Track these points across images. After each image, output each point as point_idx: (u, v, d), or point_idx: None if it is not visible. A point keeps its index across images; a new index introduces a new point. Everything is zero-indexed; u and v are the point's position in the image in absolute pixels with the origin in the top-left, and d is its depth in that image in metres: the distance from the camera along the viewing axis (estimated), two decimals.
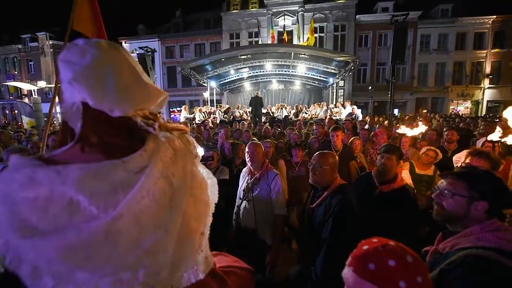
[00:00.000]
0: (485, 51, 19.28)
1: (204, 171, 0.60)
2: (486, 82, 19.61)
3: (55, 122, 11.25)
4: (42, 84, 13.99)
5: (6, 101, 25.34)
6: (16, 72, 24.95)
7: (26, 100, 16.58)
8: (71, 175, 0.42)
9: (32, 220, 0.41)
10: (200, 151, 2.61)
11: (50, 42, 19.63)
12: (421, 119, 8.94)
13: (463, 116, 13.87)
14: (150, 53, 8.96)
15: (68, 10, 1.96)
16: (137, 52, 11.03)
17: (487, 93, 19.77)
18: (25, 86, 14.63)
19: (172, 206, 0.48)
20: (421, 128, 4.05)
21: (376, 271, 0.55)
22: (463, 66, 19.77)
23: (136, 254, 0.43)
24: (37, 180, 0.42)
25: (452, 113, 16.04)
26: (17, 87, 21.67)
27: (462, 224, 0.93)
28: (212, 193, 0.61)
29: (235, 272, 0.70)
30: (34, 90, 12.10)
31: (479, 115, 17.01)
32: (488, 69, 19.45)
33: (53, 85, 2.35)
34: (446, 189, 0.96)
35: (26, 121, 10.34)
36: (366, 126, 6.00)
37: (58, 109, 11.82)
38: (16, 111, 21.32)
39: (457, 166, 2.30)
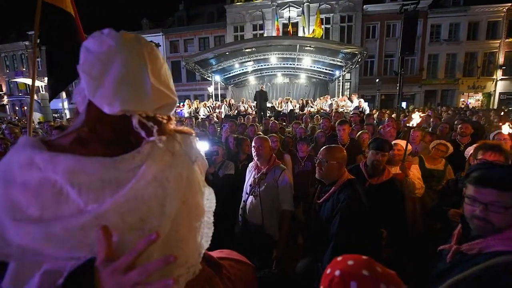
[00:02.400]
0: (499, 41, 18.53)
1: (201, 180, 0.58)
2: (499, 74, 18.93)
3: (63, 116, 11.46)
4: None
5: (15, 98, 25.85)
6: (24, 69, 25.29)
7: (34, 96, 16.86)
8: (61, 165, 0.43)
9: (22, 203, 0.41)
10: (205, 145, 2.58)
11: None
12: (428, 110, 8.73)
13: (474, 108, 13.47)
14: None
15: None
16: None
17: (499, 85, 19.10)
18: None
19: (162, 211, 0.47)
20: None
21: None
22: (475, 57, 19.10)
23: (121, 249, 0.44)
24: (35, 162, 0.42)
25: (463, 106, 15.60)
26: (26, 83, 22.04)
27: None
28: (210, 201, 0.60)
29: (232, 265, 0.70)
30: (41, 86, 12.28)
31: (490, 107, 16.50)
32: (501, 60, 18.73)
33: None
34: (495, 203, 0.86)
35: (37, 116, 10.48)
36: (375, 122, 5.88)
37: (65, 105, 12.01)
38: (25, 107, 21.74)
39: (468, 160, 2.23)
